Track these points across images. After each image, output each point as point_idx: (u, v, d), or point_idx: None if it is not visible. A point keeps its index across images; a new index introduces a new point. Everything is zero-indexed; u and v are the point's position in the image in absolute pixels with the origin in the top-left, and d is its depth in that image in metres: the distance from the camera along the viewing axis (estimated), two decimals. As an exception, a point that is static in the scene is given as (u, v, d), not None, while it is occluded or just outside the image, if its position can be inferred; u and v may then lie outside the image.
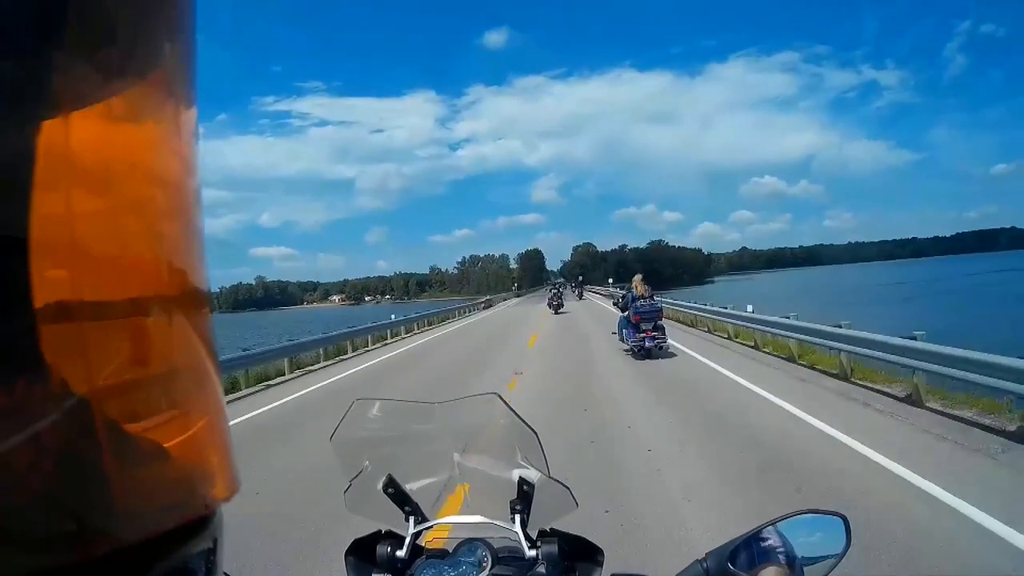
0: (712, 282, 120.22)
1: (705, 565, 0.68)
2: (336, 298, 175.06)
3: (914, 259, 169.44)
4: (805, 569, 0.69)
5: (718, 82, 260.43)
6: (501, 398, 0.76)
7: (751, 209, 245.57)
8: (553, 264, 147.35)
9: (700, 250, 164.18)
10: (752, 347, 10.06)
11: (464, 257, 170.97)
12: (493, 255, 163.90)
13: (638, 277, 9.91)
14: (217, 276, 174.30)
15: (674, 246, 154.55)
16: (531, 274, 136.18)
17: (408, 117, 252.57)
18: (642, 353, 9.11)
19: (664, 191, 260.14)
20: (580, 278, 65.42)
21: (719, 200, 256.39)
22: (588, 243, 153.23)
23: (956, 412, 5.03)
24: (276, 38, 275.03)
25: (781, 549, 0.69)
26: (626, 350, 9.70)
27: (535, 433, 0.74)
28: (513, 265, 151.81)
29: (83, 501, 0.21)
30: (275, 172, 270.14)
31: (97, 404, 0.22)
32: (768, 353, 9.32)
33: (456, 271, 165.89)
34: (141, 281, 0.25)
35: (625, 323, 9.75)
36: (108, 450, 0.22)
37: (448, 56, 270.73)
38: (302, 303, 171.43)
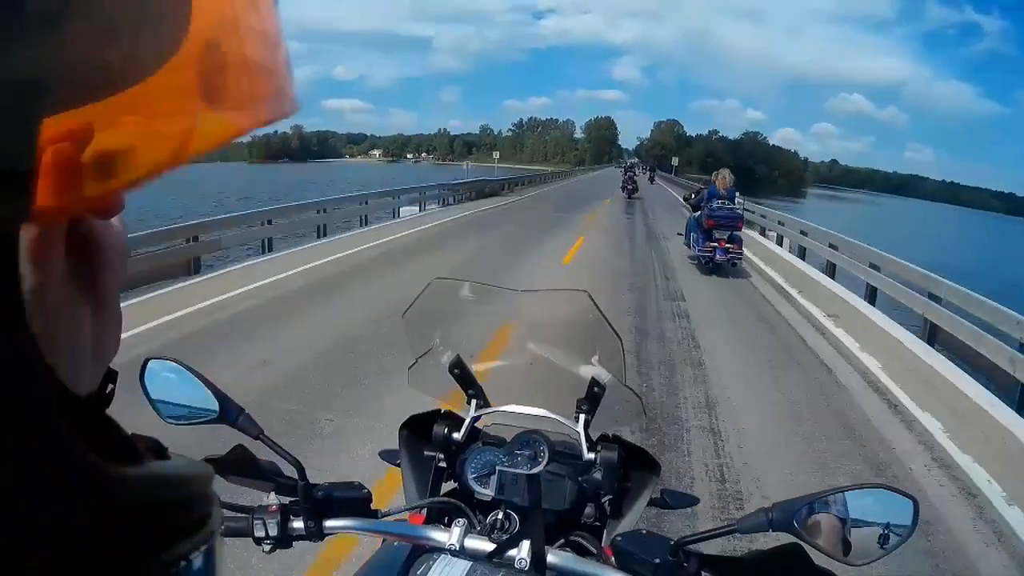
0: (803, 196, 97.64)
1: (771, 515, 0.70)
2: (376, 152, 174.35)
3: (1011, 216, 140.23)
4: (855, 543, 0.69)
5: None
6: (590, 297, 0.80)
7: (834, 123, 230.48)
8: (628, 143, 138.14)
9: (796, 153, 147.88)
10: None
11: (521, 119, 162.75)
12: (556, 119, 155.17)
13: (725, 172, 8.42)
14: (286, 125, 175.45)
15: (770, 144, 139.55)
16: (598, 147, 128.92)
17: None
18: (710, 265, 8.10)
19: (746, 89, 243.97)
20: (669, 162, 58.82)
21: (801, 108, 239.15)
22: (674, 120, 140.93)
23: None
24: None
25: (843, 514, 0.71)
26: (691, 257, 8.71)
27: (620, 339, 0.79)
28: (579, 135, 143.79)
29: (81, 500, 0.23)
30: (350, 25, 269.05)
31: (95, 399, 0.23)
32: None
33: (511, 134, 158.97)
34: None
35: (695, 225, 8.58)
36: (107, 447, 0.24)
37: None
38: (344, 156, 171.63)
